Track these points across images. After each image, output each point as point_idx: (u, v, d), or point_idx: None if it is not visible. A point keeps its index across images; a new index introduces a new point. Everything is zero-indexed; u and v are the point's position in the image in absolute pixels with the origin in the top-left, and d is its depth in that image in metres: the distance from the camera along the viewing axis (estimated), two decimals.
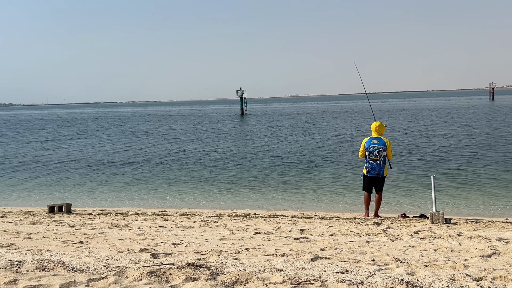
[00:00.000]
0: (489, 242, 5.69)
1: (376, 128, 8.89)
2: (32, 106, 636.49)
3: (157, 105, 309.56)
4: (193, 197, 13.53)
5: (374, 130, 8.92)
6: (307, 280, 3.51)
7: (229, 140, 31.00)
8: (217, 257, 4.61)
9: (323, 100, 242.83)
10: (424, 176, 14.71)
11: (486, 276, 3.71)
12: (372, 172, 8.87)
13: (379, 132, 8.88)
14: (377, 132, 8.88)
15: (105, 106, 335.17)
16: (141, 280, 3.48)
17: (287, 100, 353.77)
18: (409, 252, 5.11)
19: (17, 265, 3.88)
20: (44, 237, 6.45)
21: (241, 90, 70.46)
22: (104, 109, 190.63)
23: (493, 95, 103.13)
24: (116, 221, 8.66)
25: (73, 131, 47.30)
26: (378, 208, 9.15)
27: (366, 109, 78.35)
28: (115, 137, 37.09)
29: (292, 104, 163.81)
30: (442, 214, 7.84)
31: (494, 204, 11.27)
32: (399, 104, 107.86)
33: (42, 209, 11.35)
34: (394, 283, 3.42)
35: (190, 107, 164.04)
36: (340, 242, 5.83)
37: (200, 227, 7.61)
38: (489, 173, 15.09)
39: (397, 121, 44.34)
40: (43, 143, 33.69)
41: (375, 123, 8.98)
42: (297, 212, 10.61)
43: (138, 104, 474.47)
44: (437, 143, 24.50)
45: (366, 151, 8.86)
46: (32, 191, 15.36)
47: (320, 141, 28.00)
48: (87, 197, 14.11)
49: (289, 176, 16.24)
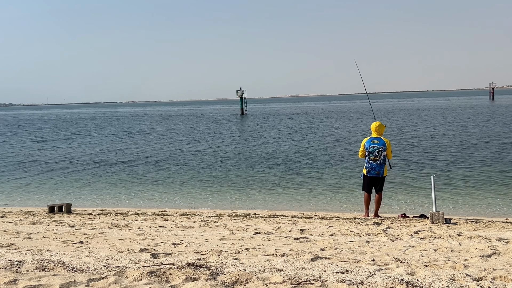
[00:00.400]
0: (489, 242, 5.69)
1: (376, 128, 8.89)
2: (32, 106, 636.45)
3: (157, 105, 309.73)
4: (193, 197, 13.53)
5: (374, 130, 8.92)
6: (307, 280, 3.51)
7: (229, 140, 31.00)
8: (217, 257, 4.61)
9: (323, 100, 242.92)
10: (424, 176, 14.71)
11: (486, 276, 3.71)
12: (372, 172, 8.87)
13: (379, 132, 8.88)
14: (377, 132, 8.88)
15: (105, 106, 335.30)
16: (141, 280, 3.48)
17: (287, 100, 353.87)
18: (409, 252, 5.11)
19: (17, 265, 3.88)
20: (44, 237, 6.45)
21: (241, 90, 70.48)
22: (104, 109, 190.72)
23: (493, 95, 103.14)
24: (116, 221, 8.66)
25: (73, 131, 47.30)
26: (378, 208, 9.15)
27: (366, 109, 78.37)
28: (115, 137, 37.09)
29: (292, 104, 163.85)
30: (442, 214, 7.84)
31: (494, 204, 11.27)
32: (399, 104, 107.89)
33: (42, 209, 11.35)
34: (394, 283, 3.42)
35: (190, 107, 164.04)
36: (340, 242, 5.83)
37: (200, 227, 7.61)
38: (489, 173, 15.09)
39: (396, 121, 44.35)
40: (43, 143, 33.69)
41: (375, 123, 8.98)
42: (297, 212, 10.61)
43: (138, 104, 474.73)
44: (437, 143, 24.51)
45: (366, 151, 8.85)
46: (32, 191, 15.36)
47: (320, 141, 28.00)
48: (87, 197, 14.11)
49: (289, 176, 16.23)
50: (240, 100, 72.28)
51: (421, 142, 25.37)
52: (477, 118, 43.27)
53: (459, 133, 29.39)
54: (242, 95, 71.18)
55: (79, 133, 43.85)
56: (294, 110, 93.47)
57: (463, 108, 68.90)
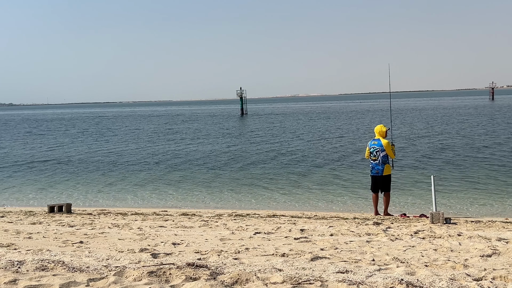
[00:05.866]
0: (489, 242, 5.69)
1: (377, 130, 9.63)
2: (32, 106, 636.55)
3: (157, 105, 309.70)
4: (193, 197, 13.53)
5: (376, 132, 9.65)
6: (307, 280, 3.51)
7: (229, 140, 31.00)
8: (217, 257, 4.61)
9: (323, 100, 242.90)
10: (424, 176, 14.70)
11: (486, 276, 3.71)
12: (373, 171, 9.63)
13: (379, 134, 9.57)
14: (378, 134, 9.58)
15: (105, 106, 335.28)
16: (141, 280, 3.48)
17: (287, 100, 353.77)
18: (409, 252, 5.11)
19: (17, 265, 3.88)
20: (44, 237, 6.45)
21: (241, 90, 70.46)
22: (104, 109, 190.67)
23: (493, 95, 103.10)
24: (116, 221, 8.66)
25: (73, 131, 47.30)
26: (387, 208, 9.68)
27: (366, 109, 78.36)
28: (115, 137, 37.09)
29: (292, 104, 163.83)
30: (442, 214, 7.84)
31: (494, 204, 11.26)
32: (399, 104, 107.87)
33: (42, 209, 11.35)
34: (394, 283, 3.42)
35: (190, 107, 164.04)
36: (340, 242, 5.84)
37: (200, 227, 7.61)
38: (489, 173, 15.08)
39: (396, 121, 44.35)
40: (43, 143, 33.70)
41: (377, 126, 9.72)
42: (297, 212, 10.62)
43: (138, 104, 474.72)
44: (437, 143, 24.50)
45: (370, 152, 9.59)
46: (32, 191, 15.35)
47: (320, 141, 28.00)
48: (87, 197, 14.11)
49: (289, 176, 16.23)
50: (240, 100, 72.26)
51: (421, 142, 25.37)
52: (477, 118, 43.27)
53: (459, 133, 29.39)
54: (242, 95, 71.16)
55: (79, 133, 43.86)
56: (294, 110, 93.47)
57: (463, 108, 68.90)
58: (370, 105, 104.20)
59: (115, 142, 32.92)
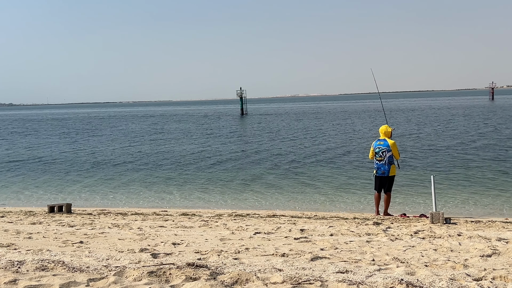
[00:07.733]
0: (489, 242, 5.70)
1: (383, 130, 9.60)
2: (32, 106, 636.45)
3: (157, 105, 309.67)
4: (193, 197, 13.53)
5: (381, 133, 9.62)
6: (307, 280, 3.51)
7: (229, 140, 31.00)
8: (217, 257, 4.61)
9: (323, 100, 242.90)
10: (424, 176, 14.71)
11: (486, 276, 3.71)
12: (379, 172, 9.59)
13: (384, 134, 9.56)
14: (383, 134, 9.56)
15: (105, 106, 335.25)
16: (141, 280, 3.49)
17: (287, 100, 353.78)
18: (409, 252, 5.11)
19: (17, 265, 3.89)
20: (44, 237, 6.45)
21: (241, 90, 70.46)
22: (104, 109, 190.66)
23: (493, 95, 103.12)
24: (116, 221, 8.66)
25: (73, 131, 47.30)
26: (387, 208, 9.67)
27: (366, 109, 78.34)
28: (115, 137, 37.08)
29: (292, 104, 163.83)
30: (442, 214, 7.84)
31: (494, 204, 11.26)
32: (399, 104, 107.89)
33: (42, 209, 11.35)
34: (394, 283, 3.42)
35: (190, 107, 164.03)
36: (340, 242, 5.84)
37: (200, 227, 7.61)
38: (489, 173, 15.08)
39: (396, 121, 44.34)
40: (43, 143, 33.70)
41: (382, 126, 9.68)
42: (297, 212, 10.62)
43: (138, 104, 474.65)
44: (437, 143, 24.50)
45: (374, 152, 9.58)
46: (32, 191, 15.36)
47: (319, 141, 28.00)
48: (87, 197, 14.11)
49: (289, 176, 16.23)
50: (240, 100, 72.25)
51: (421, 142, 25.37)
52: (477, 118, 43.27)
53: (459, 133, 29.38)
54: (242, 95, 71.16)
55: (80, 133, 43.85)
56: (294, 110, 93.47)
57: (463, 108, 68.89)
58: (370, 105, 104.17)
59: (115, 142, 32.91)
